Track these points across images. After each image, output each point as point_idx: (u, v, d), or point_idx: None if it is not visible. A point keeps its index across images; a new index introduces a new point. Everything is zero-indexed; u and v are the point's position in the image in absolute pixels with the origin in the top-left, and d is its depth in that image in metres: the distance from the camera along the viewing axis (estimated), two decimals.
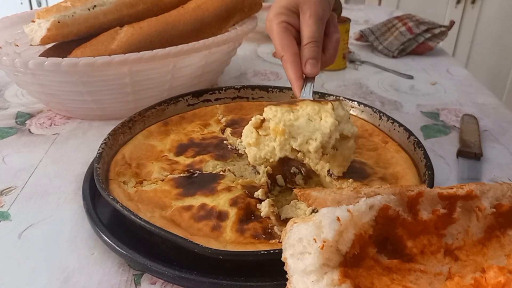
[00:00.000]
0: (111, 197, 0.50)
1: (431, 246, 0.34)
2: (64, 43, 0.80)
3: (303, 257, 0.31)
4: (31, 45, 0.78)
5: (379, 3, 2.33)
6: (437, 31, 1.16)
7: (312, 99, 0.53)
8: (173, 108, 0.72)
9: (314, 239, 0.30)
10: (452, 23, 1.17)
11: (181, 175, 0.57)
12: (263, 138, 0.50)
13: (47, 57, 0.68)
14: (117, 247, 0.47)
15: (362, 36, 1.24)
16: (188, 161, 0.60)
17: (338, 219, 0.30)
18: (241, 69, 1.06)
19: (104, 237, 0.48)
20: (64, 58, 0.67)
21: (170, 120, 0.70)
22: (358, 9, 1.69)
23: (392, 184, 0.55)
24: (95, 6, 0.77)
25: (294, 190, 0.36)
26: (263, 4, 0.96)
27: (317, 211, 0.33)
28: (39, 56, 0.79)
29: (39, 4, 2.44)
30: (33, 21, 0.77)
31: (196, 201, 0.52)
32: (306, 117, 0.50)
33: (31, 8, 2.44)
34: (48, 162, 0.67)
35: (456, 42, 2.31)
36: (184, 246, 0.44)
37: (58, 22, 0.74)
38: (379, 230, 0.33)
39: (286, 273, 0.44)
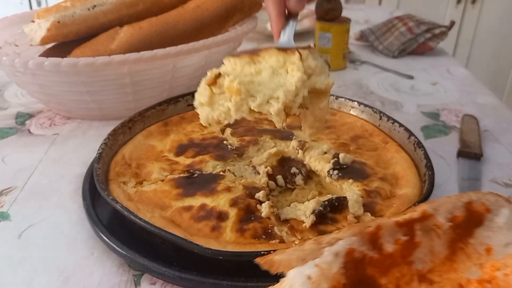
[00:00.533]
0: (110, 197, 0.50)
1: (404, 277, 0.34)
2: (64, 43, 0.80)
3: None
4: (30, 45, 0.78)
5: (379, 3, 2.33)
6: (437, 31, 1.16)
7: (290, 45, 0.46)
8: (173, 108, 0.72)
9: None
10: (452, 23, 1.17)
11: (181, 175, 0.57)
12: (217, 96, 0.44)
13: (47, 57, 0.67)
14: (116, 248, 0.47)
15: (362, 36, 1.24)
16: (188, 161, 0.60)
17: (309, 277, 0.30)
18: None
19: (104, 237, 0.48)
20: (64, 58, 0.67)
21: (170, 120, 0.70)
22: (358, 9, 1.69)
23: (392, 184, 0.55)
24: (95, 6, 0.77)
25: (256, 259, 0.35)
26: (263, 3, 0.96)
27: (284, 276, 0.32)
28: (39, 56, 0.79)
29: (39, 4, 2.44)
30: (33, 21, 0.77)
31: (196, 201, 0.52)
32: (270, 71, 0.43)
33: (31, 8, 2.44)
34: (48, 162, 0.67)
35: (457, 42, 2.31)
36: (184, 247, 0.44)
37: (58, 22, 0.74)
38: (350, 276, 0.32)
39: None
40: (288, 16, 0.51)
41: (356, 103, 0.72)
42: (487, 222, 0.36)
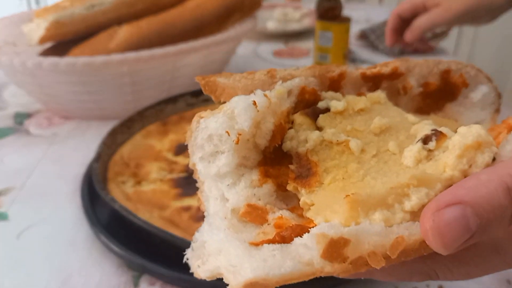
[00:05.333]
0: (109, 197, 0.49)
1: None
2: (62, 42, 0.80)
3: (216, 158, 0.25)
4: (29, 44, 0.78)
5: (380, 2, 2.33)
6: (438, 30, 1.15)
7: None
8: (172, 107, 0.72)
9: (227, 132, 0.25)
10: None
11: (180, 175, 0.56)
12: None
13: (46, 57, 0.67)
14: (115, 248, 0.46)
15: (363, 35, 1.23)
16: (187, 161, 0.60)
17: (255, 103, 0.25)
18: (241, 68, 1.05)
19: (103, 237, 0.48)
20: (63, 58, 0.67)
21: (169, 120, 0.70)
22: (359, 8, 1.68)
23: None
24: (94, 5, 0.77)
25: (196, 78, 0.29)
26: (263, 3, 0.96)
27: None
28: (38, 55, 0.78)
29: (38, 3, 2.44)
30: (32, 21, 0.76)
31: (195, 201, 0.51)
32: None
33: (30, 8, 2.44)
34: (46, 163, 0.67)
35: (457, 41, 2.31)
36: (183, 247, 0.43)
37: (57, 21, 0.74)
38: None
39: None
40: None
41: None
42: (461, 97, 0.32)
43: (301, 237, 0.22)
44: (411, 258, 0.22)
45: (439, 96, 0.32)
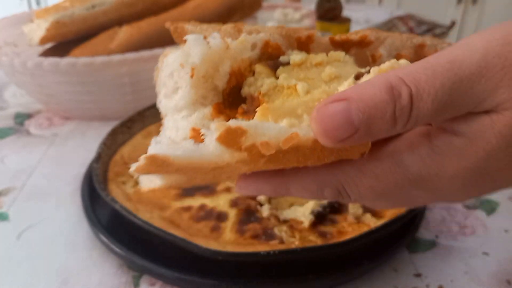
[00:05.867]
0: (109, 197, 0.49)
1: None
2: (63, 43, 0.80)
3: (175, 94, 0.27)
4: (30, 45, 0.78)
5: (380, 3, 2.33)
6: (438, 31, 1.15)
7: None
8: None
9: (181, 64, 0.26)
10: (452, 23, 1.17)
11: None
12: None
13: (46, 57, 0.67)
14: (115, 248, 0.46)
15: None
16: None
17: (205, 37, 0.26)
18: None
19: (103, 238, 0.48)
20: (63, 58, 0.67)
21: None
22: (359, 9, 1.68)
23: None
24: (94, 6, 0.77)
25: (165, 24, 0.30)
26: (263, 3, 0.96)
27: None
28: (38, 56, 0.78)
29: (38, 3, 2.44)
30: (32, 21, 0.76)
31: (196, 201, 0.51)
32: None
33: (30, 8, 2.44)
34: (47, 163, 0.67)
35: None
36: (184, 247, 0.43)
37: (57, 22, 0.74)
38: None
39: (287, 273, 0.44)
40: None
41: None
42: None
43: None
44: (313, 163, 0.24)
45: None
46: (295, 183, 0.27)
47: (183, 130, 0.26)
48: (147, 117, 0.68)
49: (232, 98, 0.28)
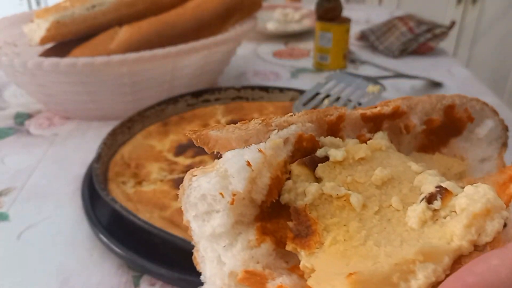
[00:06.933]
0: (109, 197, 0.49)
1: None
2: (63, 43, 0.80)
3: (210, 217, 0.24)
4: (30, 45, 0.78)
5: (380, 3, 2.33)
6: (437, 31, 1.15)
7: None
8: (173, 108, 0.72)
9: (221, 193, 0.23)
10: (452, 23, 1.17)
11: (180, 175, 0.57)
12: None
13: (46, 57, 0.67)
14: (116, 248, 0.46)
15: (362, 36, 1.23)
16: (188, 161, 0.60)
17: (249, 164, 0.24)
18: (241, 69, 1.06)
19: (103, 238, 0.48)
20: (63, 58, 0.67)
21: (170, 121, 0.70)
22: (359, 9, 1.68)
23: None
24: (94, 6, 0.77)
25: (187, 132, 0.27)
26: (263, 3, 0.96)
27: (220, 156, 0.25)
28: (38, 56, 0.78)
29: (38, 3, 2.44)
30: (32, 21, 0.76)
31: None
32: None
33: (30, 8, 2.44)
34: (47, 163, 0.67)
35: (457, 42, 2.31)
36: (184, 247, 0.43)
37: (57, 22, 0.74)
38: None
39: None
40: None
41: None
42: (467, 132, 0.31)
43: None
44: None
45: (443, 132, 0.31)
46: None
47: (231, 266, 0.23)
48: (147, 117, 0.68)
49: (272, 208, 0.25)
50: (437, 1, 2.25)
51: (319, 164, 0.26)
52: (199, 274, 0.44)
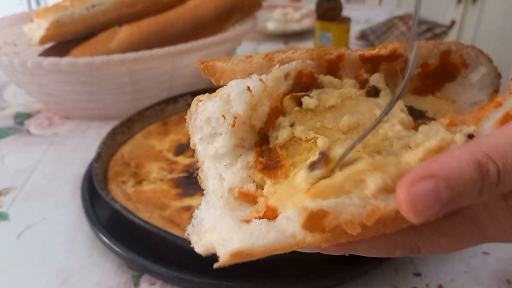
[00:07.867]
0: (109, 196, 0.49)
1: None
2: (62, 42, 0.80)
3: (214, 140, 0.27)
4: (29, 45, 0.78)
5: (380, 3, 2.33)
6: (438, 30, 1.15)
7: None
8: (173, 107, 0.72)
9: (223, 115, 0.26)
10: (452, 22, 1.17)
11: (180, 175, 0.57)
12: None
13: (46, 57, 0.67)
14: (115, 248, 0.46)
15: (362, 36, 1.23)
16: (187, 161, 0.60)
17: (249, 89, 0.26)
18: None
19: (103, 237, 0.48)
20: (63, 58, 0.67)
21: (169, 120, 0.70)
22: (359, 8, 1.68)
23: None
24: (94, 5, 0.77)
25: (196, 62, 0.30)
26: (263, 3, 0.96)
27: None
28: (38, 55, 0.78)
29: (38, 3, 2.44)
30: (32, 21, 0.76)
31: (196, 201, 0.51)
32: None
33: (30, 8, 2.44)
34: (46, 163, 0.67)
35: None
36: (183, 246, 0.43)
37: (57, 21, 0.74)
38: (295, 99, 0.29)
39: (286, 274, 0.44)
40: None
41: None
42: (461, 78, 0.32)
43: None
44: (392, 231, 0.24)
45: (438, 76, 0.32)
46: (363, 244, 0.27)
47: (230, 182, 0.26)
48: (147, 117, 0.68)
49: (270, 136, 0.28)
50: (437, 1, 2.25)
51: (292, 111, 0.28)
52: (199, 273, 0.44)
